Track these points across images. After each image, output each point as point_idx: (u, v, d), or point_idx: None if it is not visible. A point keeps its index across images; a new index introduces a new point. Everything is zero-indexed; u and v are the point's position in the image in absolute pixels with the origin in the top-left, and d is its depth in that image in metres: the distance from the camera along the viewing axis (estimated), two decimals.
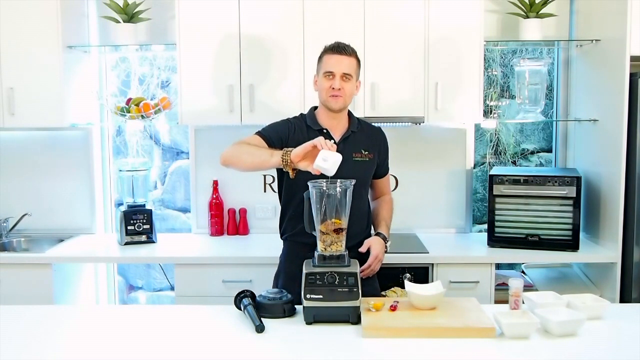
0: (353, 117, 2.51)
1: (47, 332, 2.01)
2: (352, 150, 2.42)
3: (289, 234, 2.46)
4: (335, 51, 2.37)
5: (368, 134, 2.52)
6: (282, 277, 2.46)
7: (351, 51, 2.38)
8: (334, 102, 2.37)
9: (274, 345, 1.88)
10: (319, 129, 2.42)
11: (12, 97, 3.19)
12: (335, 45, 2.39)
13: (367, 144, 2.47)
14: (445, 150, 3.50)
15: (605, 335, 1.95)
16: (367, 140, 2.49)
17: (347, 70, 2.35)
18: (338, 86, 2.34)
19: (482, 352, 1.81)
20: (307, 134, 2.40)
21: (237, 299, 2.12)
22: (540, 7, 3.17)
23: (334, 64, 2.35)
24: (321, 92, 2.40)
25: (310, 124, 2.43)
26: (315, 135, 2.35)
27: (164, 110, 3.37)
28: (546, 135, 3.62)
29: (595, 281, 3.16)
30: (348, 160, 2.34)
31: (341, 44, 2.39)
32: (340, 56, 2.35)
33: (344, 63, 2.35)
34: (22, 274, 3.05)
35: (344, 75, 2.35)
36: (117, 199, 3.70)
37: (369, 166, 2.48)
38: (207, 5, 3.13)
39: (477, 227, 3.61)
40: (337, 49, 2.37)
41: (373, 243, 2.40)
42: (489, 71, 3.54)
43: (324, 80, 2.37)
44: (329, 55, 2.38)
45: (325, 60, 2.38)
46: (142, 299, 3.82)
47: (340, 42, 2.40)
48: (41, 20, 3.15)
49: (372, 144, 2.50)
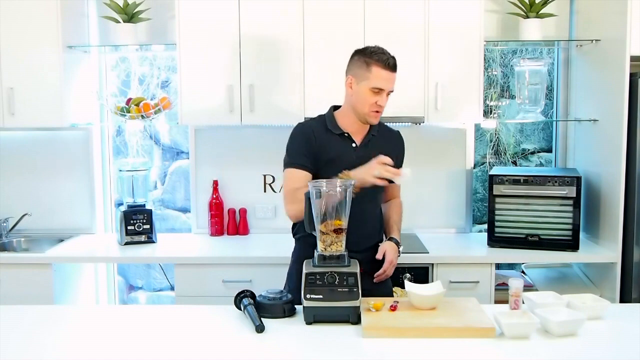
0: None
1: (47, 332, 2.01)
2: (373, 154, 2.34)
3: (302, 234, 2.37)
4: (389, 68, 2.24)
5: (387, 138, 2.46)
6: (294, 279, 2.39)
7: (396, 65, 2.28)
8: (374, 118, 2.31)
9: (274, 345, 1.88)
10: (340, 133, 2.35)
11: (12, 97, 3.19)
12: (388, 61, 2.25)
13: (387, 149, 2.39)
14: (445, 150, 3.50)
15: (605, 335, 1.95)
16: (386, 145, 2.42)
17: (392, 87, 2.28)
18: (384, 104, 2.27)
19: (482, 352, 1.81)
20: (327, 137, 2.34)
21: (237, 299, 2.12)
22: (540, 7, 3.17)
23: (386, 82, 2.24)
24: (362, 104, 2.28)
25: (331, 128, 2.35)
26: (336, 139, 2.33)
27: (164, 110, 3.37)
28: (546, 135, 3.62)
29: (595, 281, 3.16)
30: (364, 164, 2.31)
31: (391, 59, 2.25)
32: (391, 73, 2.25)
33: (393, 80, 2.26)
34: (22, 274, 3.05)
35: (389, 92, 2.28)
36: (117, 199, 3.70)
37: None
38: (207, 5, 3.13)
39: (477, 227, 3.61)
40: (391, 66, 2.25)
41: (387, 249, 2.37)
42: (489, 71, 3.54)
43: (370, 94, 2.25)
44: (381, 70, 2.24)
45: (375, 74, 2.24)
46: (142, 299, 3.82)
47: (388, 53, 2.27)
48: (41, 20, 3.15)
49: (391, 149, 2.42)
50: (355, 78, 2.29)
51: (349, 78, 2.32)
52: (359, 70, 2.28)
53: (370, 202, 2.38)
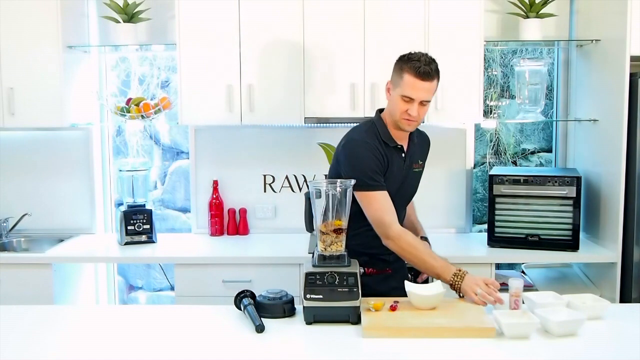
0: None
1: (47, 332, 2.01)
2: (413, 162, 2.35)
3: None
4: (419, 76, 2.14)
5: (421, 143, 2.44)
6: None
7: (435, 73, 2.18)
8: (407, 126, 2.24)
9: (274, 345, 1.88)
10: (395, 146, 2.29)
11: (12, 97, 3.18)
12: (419, 68, 2.14)
13: (421, 154, 2.40)
14: (445, 150, 3.50)
15: (605, 335, 1.95)
16: (420, 149, 2.43)
17: (426, 97, 2.18)
18: (415, 114, 2.19)
19: (482, 352, 1.81)
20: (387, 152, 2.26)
21: (237, 299, 2.12)
22: (540, 7, 3.17)
23: (416, 91, 2.16)
24: (395, 111, 2.23)
25: (386, 140, 2.27)
26: (392, 152, 2.26)
27: (164, 110, 3.37)
28: (546, 135, 3.62)
29: (595, 281, 3.16)
30: (410, 171, 2.34)
31: (426, 67, 2.14)
32: (424, 82, 2.15)
33: (426, 90, 2.17)
34: (22, 274, 3.05)
35: (423, 101, 2.19)
36: (117, 199, 3.70)
37: (421, 175, 2.46)
38: (207, 5, 3.13)
39: (477, 227, 3.61)
40: (421, 74, 2.14)
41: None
42: (489, 71, 3.54)
43: (401, 102, 2.19)
44: (411, 79, 2.15)
45: (406, 81, 2.16)
46: (142, 299, 3.82)
47: (426, 59, 2.16)
48: (41, 20, 3.15)
49: (424, 153, 2.44)
50: (392, 84, 2.26)
51: (388, 83, 2.28)
52: (395, 75, 2.24)
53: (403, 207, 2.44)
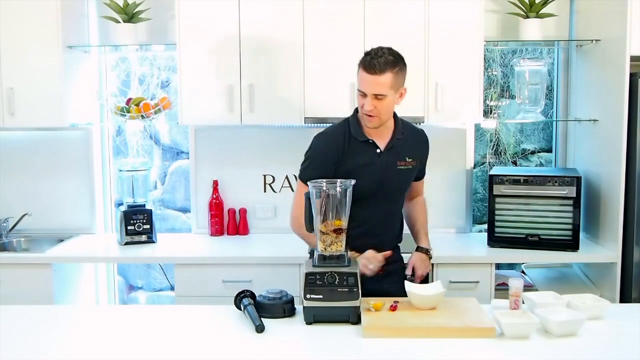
0: (398, 122, 2.34)
1: (47, 332, 2.01)
2: (397, 159, 2.31)
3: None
4: (367, 70, 2.14)
5: (413, 140, 2.38)
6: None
7: (384, 68, 2.13)
8: (367, 122, 2.23)
9: (274, 345, 1.88)
10: (365, 140, 2.28)
11: (12, 97, 3.18)
12: (368, 61, 2.14)
13: (412, 151, 2.35)
14: (445, 150, 3.50)
15: (605, 335, 1.95)
16: (412, 147, 2.36)
17: (378, 91, 2.15)
18: (369, 108, 2.17)
19: (482, 352, 1.81)
20: (351, 146, 2.27)
21: (237, 299, 2.12)
22: (540, 7, 3.17)
23: (365, 85, 2.16)
24: (359, 105, 2.23)
25: (355, 135, 2.28)
26: (360, 146, 2.26)
27: (164, 110, 3.37)
28: (546, 135, 3.62)
29: (595, 281, 3.16)
30: (392, 168, 2.30)
31: (372, 60, 2.13)
32: (371, 76, 2.14)
33: (375, 83, 2.15)
34: (22, 274, 3.05)
35: (377, 95, 2.16)
36: (117, 199, 3.70)
37: (411, 173, 2.38)
38: (207, 5, 3.13)
39: (477, 227, 3.61)
40: (369, 67, 2.13)
41: (417, 263, 2.35)
42: (489, 71, 3.54)
43: (359, 97, 2.20)
44: (362, 73, 2.16)
45: (359, 76, 2.18)
46: (142, 299, 3.82)
47: (375, 52, 2.15)
48: (41, 20, 3.15)
49: (416, 150, 2.37)
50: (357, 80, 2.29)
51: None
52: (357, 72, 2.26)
53: (392, 203, 2.36)
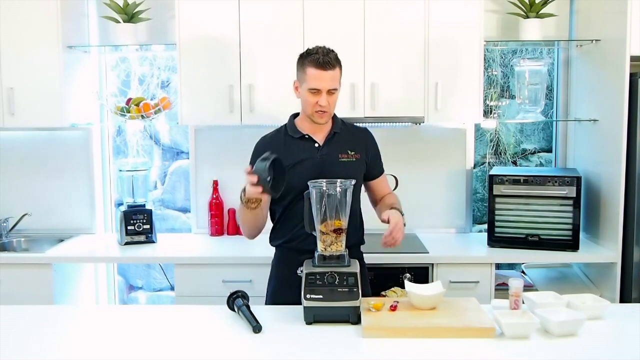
0: (336, 118, 2.42)
1: (47, 332, 2.01)
2: (338, 151, 2.36)
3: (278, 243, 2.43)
4: (320, 67, 2.21)
5: (352, 134, 2.44)
6: (272, 283, 2.44)
7: (335, 62, 2.24)
8: (319, 118, 2.29)
9: (273, 345, 1.88)
10: (300, 136, 2.36)
11: (12, 97, 3.19)
12: (319, 59, 2.22)
13: (353, 144, 2.40)
14: (445, 150, 3.50)
15: (605, 335, 1.95)
16: (352, 140, 2.41)
17: (333, 86, 2.25)
18: (325, 103, 2.24)
19: (482, 352, 1.81)
20: (287, 143, 2.36)
21: (229, 300, 2.12)
22: (540, 7, 3.17)
23: (320, 82, 2.23)
24: (306, 105, 2.30)
25: (291, 133, 2.38)
26: (297, 143, 2.35)
27: (164, 110, 3.38)
28: (546, 135, 3.62)
29: (595, 281, 3.16)
30: (334, 161, 2.34)
31: (325, 57, 2.22)
32: (326, 72, 2.22)
33: (331, 79, 2.23)
34: (22, 274, 3.05)
35: (330, 90, 2.25)
36: (117, 199, 3.70)
37: (357, 166, 2.40)
38: (207, 5, 3.13)
39: (477, 227, 3.61)
40: (322, 65, 2.21)
41: (391, 213, 2.30)
42: (489, 71, 3.54)
43: (309, 95, 2.26)
44: (314, 71, 2.22)
45: (309, 75, 2.24)
46: (142, 299, 3.82)
47: (323, 51, 2.24)
48: (41, 20, 3.15)
49: (358, 143, 2.42)
50: (298, 81, 2.32)
51: (294, 82, 2.35)
52: (299, 72, 2.30)
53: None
